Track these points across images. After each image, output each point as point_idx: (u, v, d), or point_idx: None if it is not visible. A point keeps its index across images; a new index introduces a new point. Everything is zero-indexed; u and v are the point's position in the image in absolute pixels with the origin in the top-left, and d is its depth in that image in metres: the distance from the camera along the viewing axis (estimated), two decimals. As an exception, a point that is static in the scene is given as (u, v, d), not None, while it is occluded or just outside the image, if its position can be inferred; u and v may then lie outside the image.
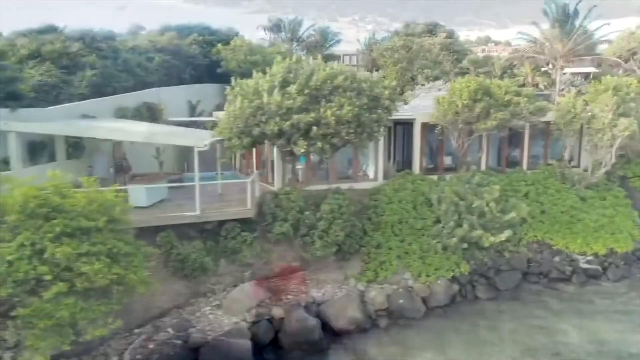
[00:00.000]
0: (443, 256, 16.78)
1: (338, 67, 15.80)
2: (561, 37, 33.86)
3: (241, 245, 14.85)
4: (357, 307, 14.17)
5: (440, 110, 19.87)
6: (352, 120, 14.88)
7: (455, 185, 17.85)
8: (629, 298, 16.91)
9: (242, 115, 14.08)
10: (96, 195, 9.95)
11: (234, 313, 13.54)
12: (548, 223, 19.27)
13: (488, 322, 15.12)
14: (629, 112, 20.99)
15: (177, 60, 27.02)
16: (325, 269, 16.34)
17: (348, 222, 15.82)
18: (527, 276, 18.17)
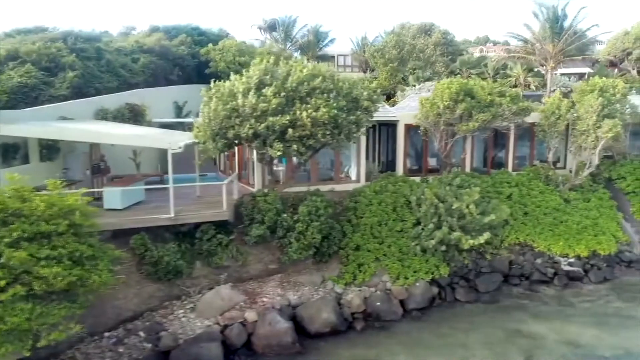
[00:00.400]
0: (422, 258, 16.70)
1: (316, 69, 15.71)
2: (551, 38, 33.77)
3: (216, 247, 14.79)
4: (331, 310, 14.08)
5: (423, 111, 19.83)
6: (329, 122, 14.80)
7: (436, 187, 17.77)
8: (609, 300, 16.82)
9: (216, 118, 14.01)
10: (57, 199, 9.86)
11: (206, 316, 13.48)
12: (531, 225, 19.21)
13: (465, 325, 15.04)
14: (614, 113, 20.92)
15: (164, 61, 26.95)
16: (304, 271, 16.29)
17: (326, 224, 15.76)
18: (509, 278, 18.07)
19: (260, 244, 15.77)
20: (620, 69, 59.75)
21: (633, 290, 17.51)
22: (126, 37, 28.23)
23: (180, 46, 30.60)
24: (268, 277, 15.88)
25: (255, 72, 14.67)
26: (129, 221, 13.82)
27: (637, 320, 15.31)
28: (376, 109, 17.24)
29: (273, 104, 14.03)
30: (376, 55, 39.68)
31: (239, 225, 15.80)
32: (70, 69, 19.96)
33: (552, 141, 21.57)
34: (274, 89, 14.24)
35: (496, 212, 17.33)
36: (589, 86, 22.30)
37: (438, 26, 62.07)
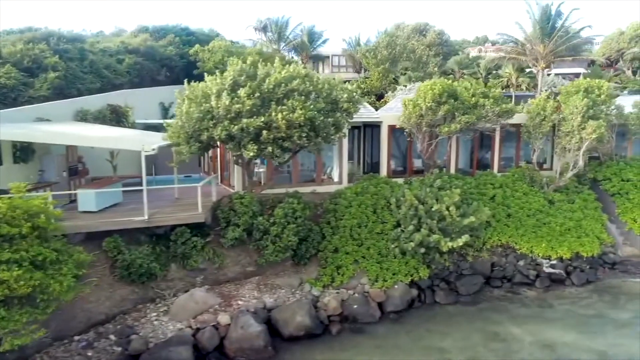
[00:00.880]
0: (402, 261, 16.61)
1: (295, 70, 15.61)
2: (542, 38, 33.70)
3: (191, 250, 14.71)
4: (306, 313, 13.98)
5: (405, 113, 19.74)
6: (305, 124, 14.70)
7: (417, 188, 17.68)
8: (590, 303, 16.73)
9: (189, 120, 13.92)
10: (20, 201, 9.77)
11: (179, 319, 13.38)
12: (513, 226, 19.12)
13: (442, 328, 14.95)
14: (599, 114, 20.83)
15: (151, 62, 26.84)
16: (282, 273, 16.22)
17: (303, 227, 15.67)
18: (491, 280, 18.01)
19: (237, 247, 15.69)
20: (615, 69, 59.73)
21: (614, 293, 17.43)
22: (112, 38, 28.11)
23: (169, 46, 30.51)
24: (246, 279, 15.81)
25: (229, 73, 14.56)
26: (102, 223, 13.73)
27: (616, 323, 15.24)
28: (356, 110, 17.13)
29: (247, 105, 13.93)
30: (368, 56, 39.59)
31: (216, 227, 15.72)
32: (52, 70, 19.84)
33: (537, 142, 21.48)
34: (248, 90, 14.13)
35: (477, 214, 17.24)
36: (574, 87, 22.21)
37: (433, 26, 62.05)
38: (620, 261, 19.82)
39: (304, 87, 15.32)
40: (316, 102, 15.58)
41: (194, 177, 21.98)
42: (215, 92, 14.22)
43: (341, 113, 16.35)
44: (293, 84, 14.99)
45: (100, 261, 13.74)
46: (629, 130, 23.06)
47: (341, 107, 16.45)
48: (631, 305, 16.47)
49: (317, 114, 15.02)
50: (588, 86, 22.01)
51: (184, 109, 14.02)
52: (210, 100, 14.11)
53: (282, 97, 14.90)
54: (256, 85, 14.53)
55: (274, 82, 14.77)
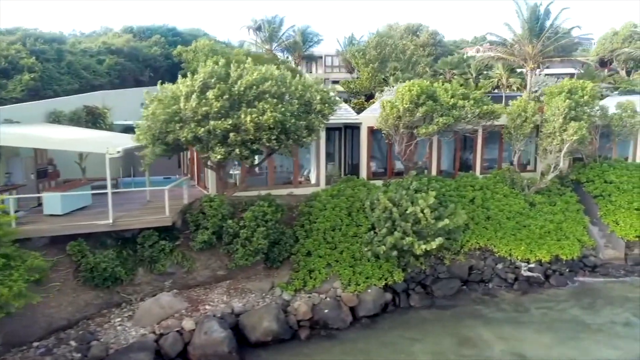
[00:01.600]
0: (375, 264, 16.39)
1: (268, 72, 15.37)
2: (530, 39, 33.43)
3: (159, 254, 14.50)
4: (273, 318, 13.76)
5: (383, 114, 19.53)
6: (275, 127, 14.49)
7: (392, 191, 17.45)
8: (567, 307, 16.49)
9: (155, 122, 13.72)
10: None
11: (143, 324, 13.17)
12: (492, 229, 18.89)
13: (414, 333, 14.73)
14: (581, 115, 20.61)
15: (134, 62, 26.61)
16: (254, 277, 16.02)
17: (273, 230, 15.46)
18: (468, 284, 17.81)
19: (207, 250, 15.49)
20: (610, 70, 59.50)
21: (592, 296, 17.20)
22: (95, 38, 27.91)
23: (153, 47, 30.29)
24: (216, 283, 15.60)
25: (200, 75, 14.36)
26: (65, 227, 13.54)
27: (590, 328, 15.02)
28: (331, 112, 16.91)
29: (215, 107, 13.72)
30: (357, 56, 39.37)
31: (186, 230, 15.53)
32: (27, 71, 19.64)
33: (518, 144, 21.26)
34: (217, 92, 13.93)
35: (453, 216, 17.01)
36: (558, 88, 21.99)
37: (427, 27, 61.85)
38: (602, 264, 19.61)
39: (276, 89, 15.12)
40: (288, 104, 15.39)
41: (173, 178, 21.77)
42: (184, 94, 14.01)
43: (314, 115, 16.14)
44: (265, 86, 14.78)
45: (64, 265, 13.55)
46: (613, 132, 22.86)
47: (314, 108, 16.24)
48: (608, 309, 16.24)
49: (288, 116, 14.82)
50: (572, 87, 21.80)
51: (150, 111, 13.82)
52: (179, 102, 13.89)
53: (254, 99, 14.70)
54: (226, 87, 14.32)
55: (245, 84, 14.56)
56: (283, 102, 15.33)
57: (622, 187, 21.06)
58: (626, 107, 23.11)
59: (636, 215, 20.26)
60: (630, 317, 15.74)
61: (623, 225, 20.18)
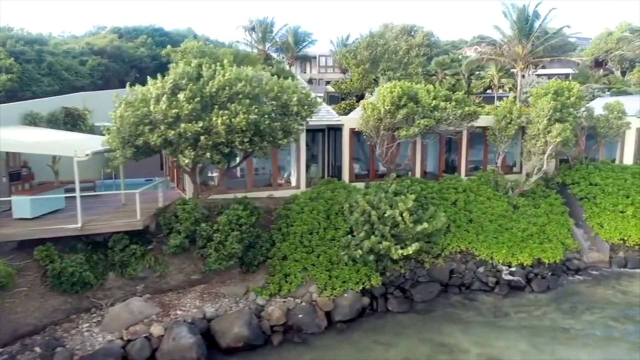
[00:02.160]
0: (353, 268, 16.17)
1: (242, 73, 15.17)
2: (520, 39, 33.27)
3: (130, 258, 14.29)
4: (244, 323, 13.54)
5: (364, 116, 19.33)
6: (249, 129, 14.29)
7: (371, 193, 17.25)
8: (547, 311, 16.27)
9: (123, 125, 13.52)
10: None
11: (111, 330, 12.97)
12: (474, 232, 18.69)
13: (389, 338, 14.52)
14: (566, 117, 20.40)
15: (118, 63, 26.40)
16: (229, 281, 15.81)
17: (248, 234, 15.24)
18: (449, 288, 17.59)
19: (181, 254, 15.29)
20: (605, 70, 59.32)
21: (573, 301, 16.97)
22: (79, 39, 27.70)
23: (140, 47, 30.09)
24: (190, 287, 15.40)
25: (171, 77, 14.16)
26: (32, 231, 13.34)
27: (568, 334, 14.80)
28: (308, 114, 16.70)
29: (185, 110, 13.52)
30: (348, 57, 39.20)
31: (160, 234, 15.33)
32: (5, 72, 19.43)
33: (502, 146, 21.05)
34: (188, 94, 13.72)
35: (433, 219, 16.81)
36: (544, 89, 21.78)
37: (422, 27, 61.70)
38: (585, 267, 19.42)
39: (250, 89, 14.91)
40: (264, 105, 15.18)
41: (155, 180, 21.57)
42: (155, 96, 13.81)
43: (291, 117, 15.93)
44: (238, 87, 14.57)
45: (31, 270, 13.36)
46: (598, 133, 22.66)
47: (292, 110, 16.04)
48: (588, 314, 16.02)
49: (262, 118, 14.61)
50: (557, 88, 21.61)
51: (118, 113, 13.62)
52: (149, 104, 13.69)
53: (227, 100, 14.50)
54: (197, 88, 14.12)
55: (217, 85, 14.36)
56: (258, 104, 15.13)
57: (607, 189, 20.86)
58: (613, 109, 22.93)
59: (621, 218, 20.08)
60: (610, 322, 15.52)
61: (608, 228, 19.99)
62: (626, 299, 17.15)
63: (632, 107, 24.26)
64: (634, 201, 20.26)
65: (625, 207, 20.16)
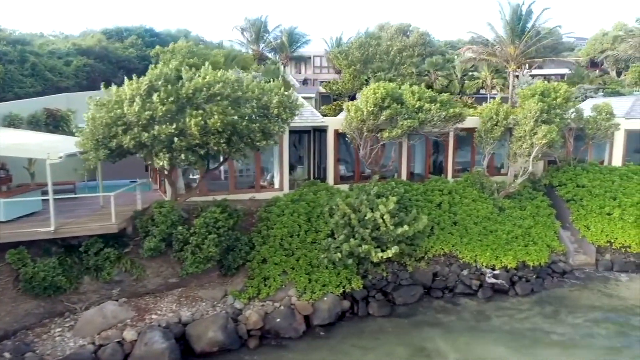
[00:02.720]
0: (333, 271, 16.01)
1: (222, 75, 14.98)
2: (512, 39, 33.10)
3: (104, 262, 14.12)
4: (219, 328, 13.38)
5: (347, 117, 19.17)
6: (224, 130, 14.12)
7: (352, 196, 17.08)
8: (530, 315, 16.11)
9: (95, 126, 13.35)
10: None
11: (83, 335, 12.81)
12: (458, 235, 18.51)
13: (368, 342, 14.36)
14: (553, 118, 20.25)
15: (105, 64, 26.23)
16: (207, 285, 15.65)
17: (226, 237, 15.07)
18: (431, 291, 17.40)
19: (158, 257, 15.12)
20: (602, 70, 59.10)
21: (557, 304, 16.81)
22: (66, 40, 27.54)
23: (129, 48, 29.93)
24: (168, 291, 15.24)
25: (146, 77, 13.99)
26: (5, 235, 13.16)
27: (549, 338, 14.64)
28: (289, 116, 16.52)
29: (159, 112, 13.35)
30: (339, 57, 39.02)
31: (137, 237, 15.16)
32: (-14, 73, 19.29)
33: (488, 147, 20.88)
34: (163, 95, 13.55)
35: (415, 222, 16.63)
36: (530, 90, 21.63)
37: (417, 27, 61.48)
38: (571, 270, 19.25)
39: (229, 91, 14.75)
40: (243, 107, 15.01)
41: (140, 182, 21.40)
42: (129, 97, 13.65)
43: (270, 119, 15.76)
44: (216, 88, 14.41)
45: (4, 274, 13.20)
46: (586, 135, 22.50)
47: (272, 112, 15.87)
48: (571, 318, 15.86)
49: (239, 120, 14.44)
50: (544, 89, 21.46)
51: (90, 115, 13.46)
52: (123, 105, 13.53)
53: (204, 101, 14.33)
54: (173, 90, 13.96)
55: (194, 87, 14.20)
56: (239, 106, 14.97)
57: (595, 191, 20.70)
58: (601, 110, 22.77)
59: (607, 220, 19.92)
60: (592, 327, 15.36)
61: (594, 230, 19.83)
62: (610, 303, 16.99)
63: (621, 108, 24.10)
64: (621, 203, 20.09)
65: (612, 209, 20.00)
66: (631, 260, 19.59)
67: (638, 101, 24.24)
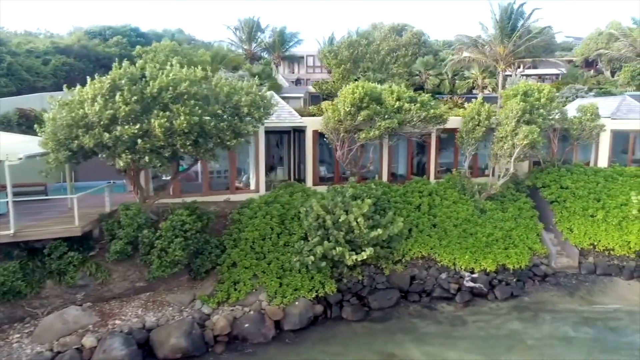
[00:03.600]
0: (306, 275, 15.64)
1: (185, 72, 14.59)
2: (501, 39, 32.73)
3: (67, 266, 13.77)
4: (182, 334, 13.02)
5: (325, 117, 18.82)
6: (191, 131, 13.76)
7: (327, 197, 16.72)
8: (506, 320, 15.75)
9: (55, 127, 13.00)
10: None
11: (42, 341, 12.46)
12: (436, 237, 18.15)
13: (338, 348, 14.01)
14: (536, 119, 19.90)
15: (85, 62, 25.87)
16: (176, 289, 15.31)
17: (194, 240, 14.71)
18: (409, 295, 17.05)
19: (125, 261, 14.77)
20: (596, 70, 58.71)
21: (535, 309, 16.45)
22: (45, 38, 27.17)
23: (113, 47, 29.57)
24: (135, 295, 14.89)
25: (109, 76, 13.64)
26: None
27: (524, 344, 14.30)
28: (262, 115, 16.17)
29: (122, 112, 12.99)
30: (328, 56, 38.68)
31: (103, 240, 14.82)
32: (-42, 73, 18.93)
33: (469, 148, 20.53)
34: (127, 94, 13.20)
35: (391, 225, 16.26)
36: (512, 90, 21.28)
37: (412, 27, 61.12)
38: (553, 273, 18.89)
39: (197, 90, 14.40)
40: (212, 106, 14.65)
41: (117, 183, 21.04)
42: (91, 97, 13.29)
43: (241, 118, 15.40)
44: (182, 87, 14.04)
45: (-39, 278, 12.84)
46: (571, 135, 22.14)
47: (242, 111, 15.52)
48: (548, 323, 15.50)
49: (207, 120, 14.08)
50: (527, 89, 21.12)
51: (50, 115, 13.11)
52: (84, 105, 13.18)
53: (170, 101, 13.97)
54: (138, 89, 13.60)
55: (159, 86, 13.84)
56: (208, 105, 14.61)
57: (578, 192, 20.32)
58: (587, 110, 22.41)
59: (591, 222, 19.55)
60: (569, 332, 15.02)
61: (577, 233, 19.48)
62: (590, 307, 16.65)
63: (608, 108, 23.73)
64: (604, 205, 19.72)
65: (596, 211, 19.62)
66: (614, 263, 19.23)
67: (624, 101, 23.86)
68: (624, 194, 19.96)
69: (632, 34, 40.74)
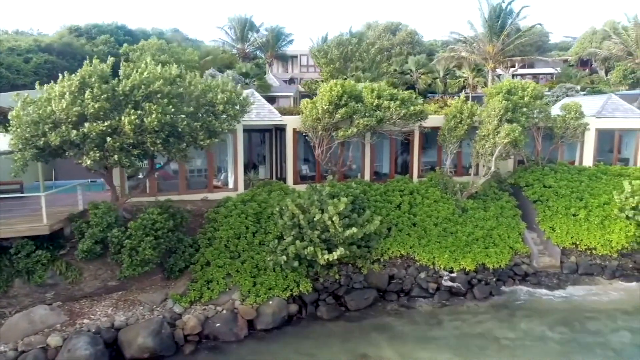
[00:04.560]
0: (281, 274, 15.50)
1: (158, 70, 14.45)
2: (490, 38, 32.59)
3: (35, 264, 13.62)
4: (150, 333, 12.87)
5: (303, 115, 18.67)
6: (162, 129, 13.62)
7: (304, 196, 16.56)
8: (483, 320, 15.59)
9: (21, 125, 12.85)
10: None
11: (6, 341, 12.32)
12: (416, 236, 18.00)
13: (310, 348, 13.85)
14: (519, 117, 19.76)
15: (69, 60, 25.72)
16: (149, 288, 15.16)
17: (165, 239, 14.56)
18: (386, 294, 16.90)
19: (96, 260, 14.63)
20: (591, 69, 58.59)
21: (513, 308, 16.32)
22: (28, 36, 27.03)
23: (100, 45, 29.44)
24: (107, 294, 14.74)
25: (78, 74, 13.51)
26: None
27: (499, 344, 14.14)
28: (238, 113, 16.04)
29: (91, 109, 12.85)
30: (318, 55, 38.52)
31: (73, 239, 14.66)
32: None
33: (451, 146, 20.38)
34: (97, 92, 13.05)
35: (368, 223, 16.10)
36: (495, 89, 21.14)
37: (406, 26, 60.98)
38: (534, 272, 18.70)
39: (170, 88, 14.26)
40: (185, 104, 14.52)
41: (99, 181, 20.89)
42: (59, 94, 13.15)
43: (216, 116, 15.27)
44: (155, 86, 13.90)
45: None
46: (555, 134, 21.99)
47: (218, 109, 15.39)
48: (525, 323, 15.35)
49: (181, 118, 13.95)
50: (511, 87, 20.98)
51: (14, 113, 12.97)
52: (51, 103, 13.03)
53: (143, 99, 13.83)
54: (108, 87, 13.47)
55: (131, 84, 13.70)
56: (182, 103, 14.48)
57: (561, 192, 20.17)
58: (570, 109, 22.26)
59: (573, 222, 19.39)
60: (546, 331, 14.86)
61: (559, 232, 19.31)
62: (569, 306, 16.51)
63: (593, 107, 23.59)
64: (587, 204, 19.56)
65: (578, 210, 19.47)
66: (596, 262, 19.06)
67: (609, 100, 23.71)
68: (607, 193, 19.81)
69: (625, 32, 40.62)
